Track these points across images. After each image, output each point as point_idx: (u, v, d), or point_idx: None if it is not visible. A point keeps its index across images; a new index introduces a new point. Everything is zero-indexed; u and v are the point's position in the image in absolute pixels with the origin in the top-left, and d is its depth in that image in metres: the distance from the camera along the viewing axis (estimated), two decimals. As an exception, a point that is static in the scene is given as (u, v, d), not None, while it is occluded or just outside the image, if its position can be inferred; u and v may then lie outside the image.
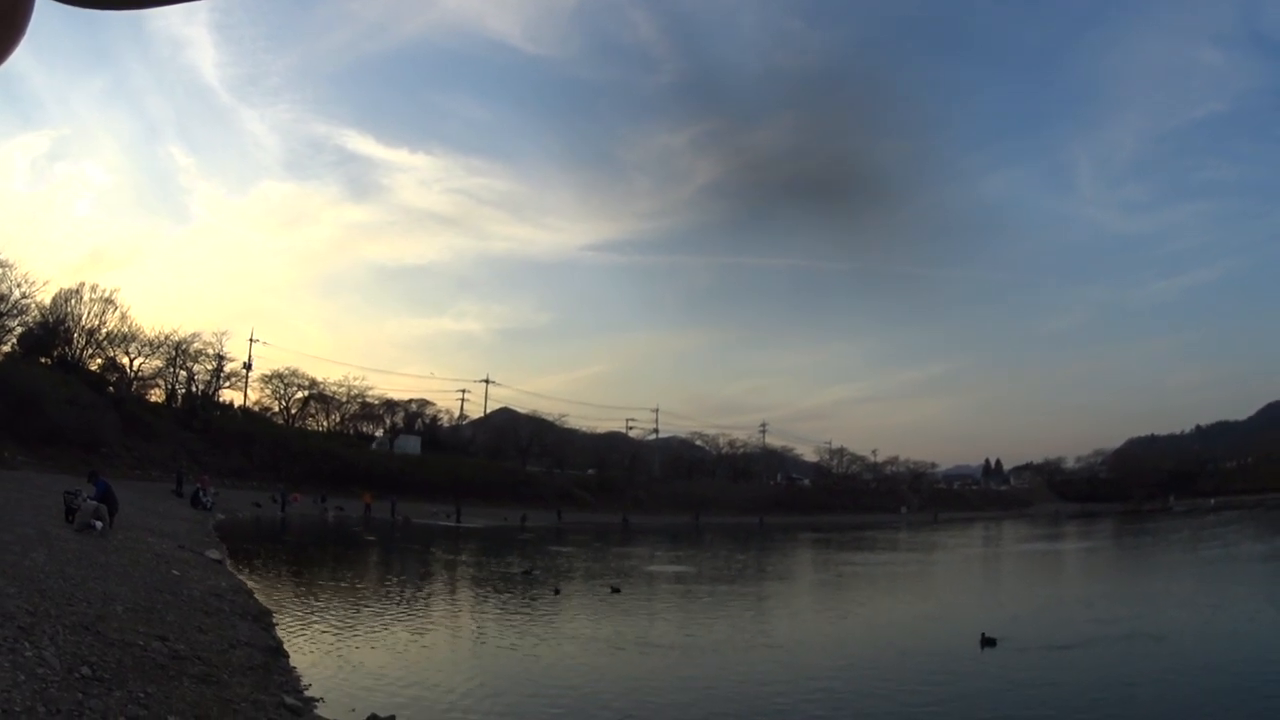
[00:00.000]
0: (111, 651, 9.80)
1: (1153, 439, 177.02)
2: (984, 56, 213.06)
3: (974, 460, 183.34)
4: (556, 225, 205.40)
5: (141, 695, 8.61)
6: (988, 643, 17.40)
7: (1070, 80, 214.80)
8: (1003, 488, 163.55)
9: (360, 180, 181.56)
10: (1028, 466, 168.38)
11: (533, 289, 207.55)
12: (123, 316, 69.19)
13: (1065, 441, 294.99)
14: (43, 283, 65.72)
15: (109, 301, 67.92)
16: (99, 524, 20.68)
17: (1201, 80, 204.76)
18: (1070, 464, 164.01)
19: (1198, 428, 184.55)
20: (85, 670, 8.70)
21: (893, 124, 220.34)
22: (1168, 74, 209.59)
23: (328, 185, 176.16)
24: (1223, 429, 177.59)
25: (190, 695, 9.26)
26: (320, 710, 10.72)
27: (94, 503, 21.41)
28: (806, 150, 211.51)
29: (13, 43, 0.91)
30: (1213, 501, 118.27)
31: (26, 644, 8.76)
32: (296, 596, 22.01)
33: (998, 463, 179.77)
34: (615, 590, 26.41)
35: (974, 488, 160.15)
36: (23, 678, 7.66)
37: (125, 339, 70.50)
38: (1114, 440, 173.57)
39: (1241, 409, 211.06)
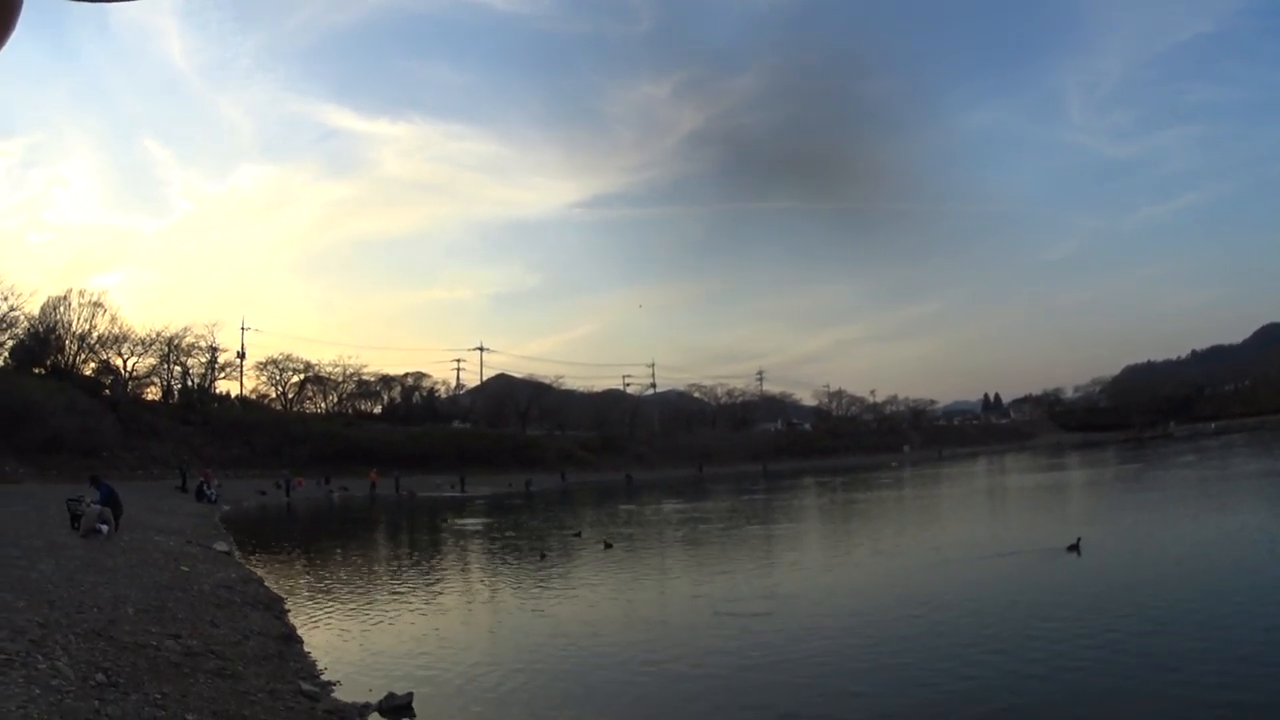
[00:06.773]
0: (125, 655, 9.93)
1: (1150, 365, 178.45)
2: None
3: (973, 395, 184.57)
4: (542, 185, 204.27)
5: (158, 696, 8.72)
6: (1073, 549, 19.87)
7: (1053, 7, 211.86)
8: (1003, 421, 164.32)
9: (341, 156, 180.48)
10: (1027, 399, 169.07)
11: (521, 251, 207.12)
12: (113, 318, 69.42)
13: (1063, 371, 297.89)
14: (29, 293, 65.07)
15: (98, 305, 68.08)
16: (104, 528, 20.80)
17: (1186, 2, 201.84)
18: (1069, 394, 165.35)
19: (1194, 353, 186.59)
20: (100, 677, 8.81)
21: (877, 61, 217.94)
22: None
23: (306, 164, 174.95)
24: (1218, 353, 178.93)
25: (206, 691, 9.40)
26: (337, 694, 10.83)
27: (98, 507, 21.48)
28: (791, 92, 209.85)
29: (7, 29, 0.90)
30: (1214, 426, 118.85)
31: (39, 656, 8.85)
32: (307, 581, 22.21)
33: (996, 396, 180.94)
34: (609, 546, 26.98)
35: (974, 423, 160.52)
36: (38, 691, 7.74)
37: (117, 340, 70.65)
38: (1111, 368, 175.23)
39: (1236, 332, 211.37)
